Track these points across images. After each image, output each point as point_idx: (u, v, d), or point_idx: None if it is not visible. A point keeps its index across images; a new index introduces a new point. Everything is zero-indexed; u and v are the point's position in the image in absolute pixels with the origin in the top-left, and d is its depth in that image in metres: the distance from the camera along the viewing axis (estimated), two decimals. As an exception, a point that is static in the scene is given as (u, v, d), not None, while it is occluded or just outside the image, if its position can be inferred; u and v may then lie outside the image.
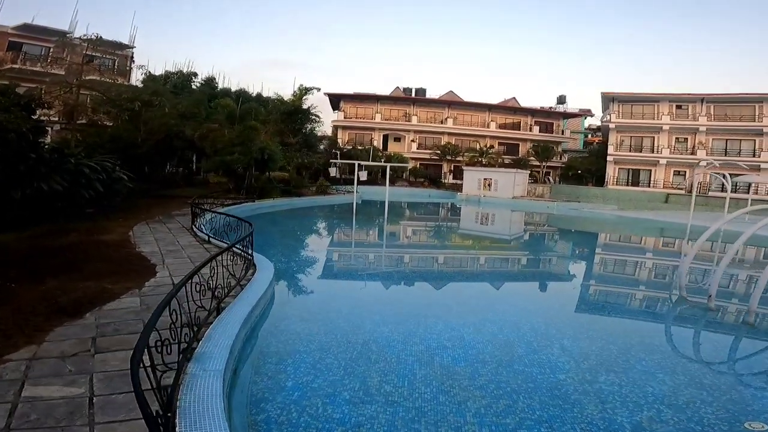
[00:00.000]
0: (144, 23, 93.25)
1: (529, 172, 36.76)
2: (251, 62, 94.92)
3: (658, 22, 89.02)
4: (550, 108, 54.20)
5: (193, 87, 31.95)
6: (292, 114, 32.57)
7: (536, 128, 50.18)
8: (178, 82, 30.65)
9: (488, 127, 48.94)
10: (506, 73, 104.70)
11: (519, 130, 50.37)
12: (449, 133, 48.49)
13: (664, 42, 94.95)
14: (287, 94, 34.02)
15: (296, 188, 27.48)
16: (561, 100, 57.68)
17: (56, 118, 20.89)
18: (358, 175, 24.03)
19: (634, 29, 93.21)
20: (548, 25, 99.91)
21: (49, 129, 19.25)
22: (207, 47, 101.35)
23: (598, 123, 67.00)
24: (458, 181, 45.62)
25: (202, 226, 11.21)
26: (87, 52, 20.24)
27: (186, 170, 29.44)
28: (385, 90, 51.17)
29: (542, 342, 6.10)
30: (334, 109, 48.81)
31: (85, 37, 19.56)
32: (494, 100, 52.47)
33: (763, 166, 36.00)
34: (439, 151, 45.57)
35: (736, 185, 38.44)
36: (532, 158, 45.24)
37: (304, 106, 33.19)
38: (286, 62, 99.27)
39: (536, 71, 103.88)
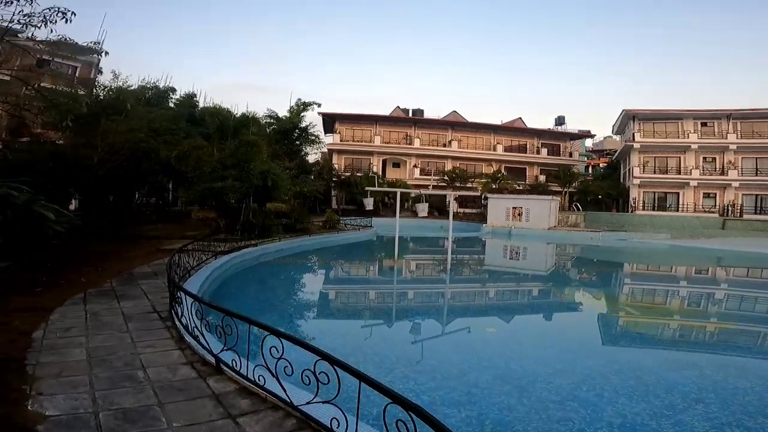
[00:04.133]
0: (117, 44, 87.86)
1: (559, 199, 32.58)
2: (224, 86, 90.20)
3: (653, 41, 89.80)
4: (556, 129, 51.17)
5: (171, 105, 26.54)
6: (288, 133, 27.64)
7: (544, 150, 46.90)
8: (152, 98, 25.22)
9: (494, 150, 45.29)
10: (505, 94, 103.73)
11: (525, 152, 46.98)
12: (453, 157, 44.49)
13: (655, 62, 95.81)
14: (280, 112, 29.08)
15: (298, 222, 22.14)
16: (560, 121, 55.06)
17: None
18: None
19: (632, 48, 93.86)
20: (544, 45, 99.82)
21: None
22: (177, 67, 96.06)
23: (590, 144, 65.50)
24: (466, 210, 41.24)
25: (191, 313, 5.89)
26: (41, 56, 14.90)
27: (160, 201, 23.66)
28: (382, 112, 46.98)
29: None
30: (326, 132, 44.17)
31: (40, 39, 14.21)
32: (496, 121, 49.04)
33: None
34: (446, 177, 41.22)
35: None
36: (551, 183, 41.45)
37: (302, 124, 28.38)
38: (264, 87, 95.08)
39: (535, 92, 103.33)
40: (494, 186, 39.32)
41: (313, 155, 40.70)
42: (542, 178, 45.85)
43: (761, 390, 5.18)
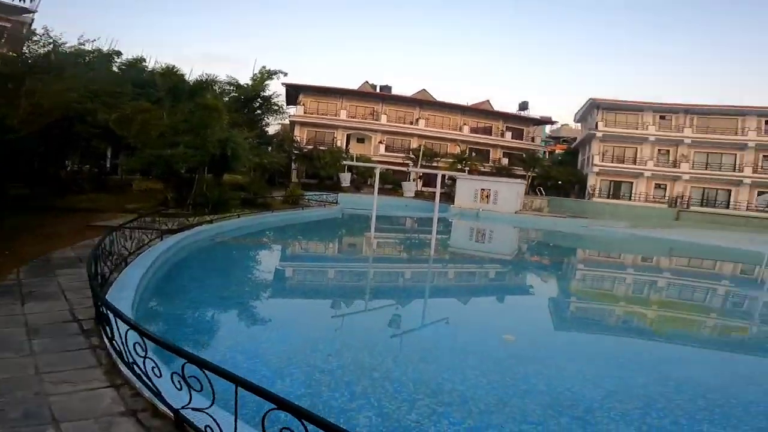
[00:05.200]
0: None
1: (527, 182, 32.63)
2: (182, 58, 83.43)
3: (621, 32, 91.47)
4: (521, 114, 51.38)
5: (115, 70, 22.91)
6: (249, 101, 25.43)
7: (508, 134, 47.04)
8: (94, 61, 21.54)
9: (461, 130, 44.81)
10: (475, 76, 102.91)
11: (491, 135, 46.91)
12: (420, 136, 43.61)
13: (623, 53, 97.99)
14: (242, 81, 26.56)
15: (258, 196, 20.48)
16: (523, 106, 55.09)
17: None
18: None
19: (594, 38, 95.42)
20: (512, 29, 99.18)
21: None
22: (129, 36, 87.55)
23: (548, 131, 66.90)
24: (430, 189, 40.67)
25: (125, 341, 4.60)
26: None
27: (96, 169, 21.02)
28: (350, 87, 44.93)
29: None
30: (289, 104, 41.71)
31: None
32: (464, 102, 48.41)
33: (745, 180, 35.37)
34: (412, 155, 40.32)
35: (715, 200, 38.03)
36: (515, 167, 41.70)
37: (265, 93, 26.19)
38: (225, 57, 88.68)
39: (502, 76, 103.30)
40: (460, 166, 38.97)
41: (272, 127, 38.47)
42: (505, 160, 46.23)
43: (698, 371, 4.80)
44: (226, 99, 23.93)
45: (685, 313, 9.68)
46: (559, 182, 41.08)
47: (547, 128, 62.64)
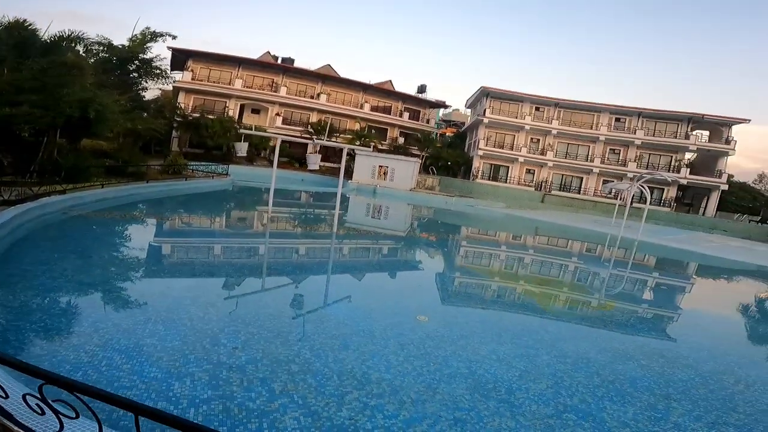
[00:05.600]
0: None
1: (420, 162, 33.71)
2: (45, 14, 66.87)
3: (512, 26, 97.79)
4: (419, 96, 52.94)
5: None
6: (124, 63, 21.55)
7: (406, 114, 48.21)
8: None
9: (362, 108, 44.54)
10: (378, 57, 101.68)
11: (390, 114, 47.58)
12: (320, 110, 42.20)
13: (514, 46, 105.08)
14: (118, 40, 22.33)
15: (129, 165, 17.52)
16: (421, 89, 56.91)
17: None
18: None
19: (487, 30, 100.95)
20: (417, 13, 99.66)
21: None
22: None
23: (441, 114, 70.76)
24: (328, 164, 39.81)
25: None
26: None
27: None
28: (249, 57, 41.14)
29: None
30: (175, 69, 36.69)
31: None
32: (366, 81, 48.04)
33: (594, 170, 41.68)
34: (311, 129, 38.84)
35: (570, 186, 44.32)
36: (411, 146, 42.91)
37: (146, 56, 22.42)
38: (102, 17, 73.42)
39: (404, 58, 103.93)
40: (359, 143, 38.75)
41: (152, 92, 33.41)
42: (401, 140, 47.45)
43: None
44: (93, 60, 20.07)
45: (561, 290, 10.90)
46: (449, 163, 43.65)
47: (441, 111, 65.90)
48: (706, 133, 41.36)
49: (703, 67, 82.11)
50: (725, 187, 39.04)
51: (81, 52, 19.00)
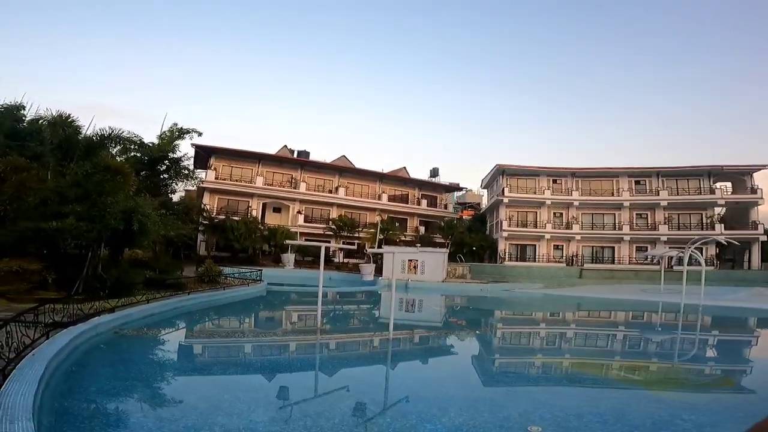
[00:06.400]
0: None
1: (448, 251, 33.13)
2: (76, 108, 73.89)
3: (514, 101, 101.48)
4: (433, 180, 54.07)
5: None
6: (155, 163, 22.43)
7: (424, 201, 48.80)
8: None
9: (380, 198, 45.28)
10: (389, 143, 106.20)
11: (407, 203, 48.18)
12: (339, 205, 42.94)
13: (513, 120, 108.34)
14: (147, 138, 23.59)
15: (166, 275, 17.17)
16: (434, 173, 57.97)
17: None
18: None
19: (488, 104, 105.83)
20: (422, 97, 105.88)
21: None
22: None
23: (455, 197, 71.70)
24: (353, 260, 39.13)
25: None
26: None
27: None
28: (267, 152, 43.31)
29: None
30: (198, 167, 38.47)
31: None
32: (381, 169, 49.64)
33: (624, 237, 40.49)
34: (333, 226, 39.11)
35: (602, 257, 42.78)
36: (434, 234, 42.65)
37: (174, 155, 23.49)
38: (126, 113, 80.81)
39: (414, 143, 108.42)
40: (381, 237, 38.51)
41: (177, 193, 34.59)
42: (422, 228, 47.36)
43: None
44: (123, 158, 20.77)
45: (620, 361, 9.49)
46: (473, 248, 42.86)
47: (455, 194, 66.98)
48: (729, 184, 40.78)
49: (714, 116, 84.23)
50: (764, 237, 37.30)
51: (115, 152, 19.38)
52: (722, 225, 38.26)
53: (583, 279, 34.77)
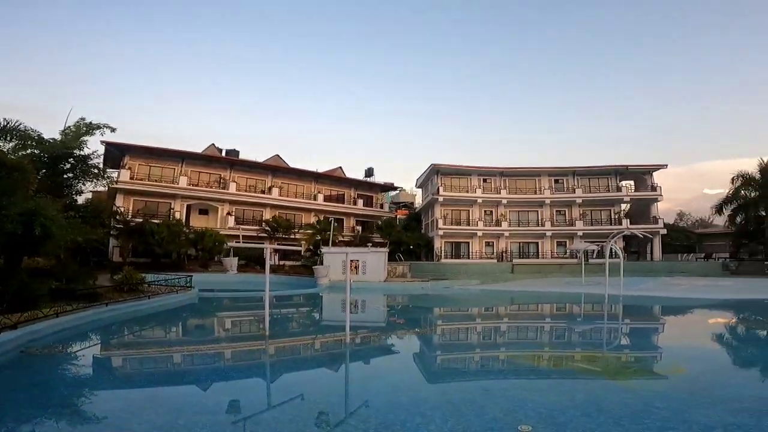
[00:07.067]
0: None
1: (388, 250, 32.89)
2: None
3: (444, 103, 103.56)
4: (368, 179, 53.87)
5: None
6: (57, 162, 19.41)
7: (360, 201, 48.50)
8: None
9: (315, 199, 44.18)
10: (324, 142, 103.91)
11: (344, 203, 47.60)
12: (273, 206, 41.14)
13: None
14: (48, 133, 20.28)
15: (75, 284, 14.82)
16: (369, 172, 57.68)
17: None
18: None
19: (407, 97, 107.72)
20: (356, 96, 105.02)
21: None
22: None
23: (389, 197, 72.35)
24: (288, 263, 37.65)
25: None
26: None
27: None
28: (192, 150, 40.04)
29: None
30: (111, 167, 34.34)
31: None
32: (317, 169, 48.41)
33: (547, 233, 43.55)
34: (267, 227, 37.25)
35: (528, 252, 45.64)
36: (372, 234, 42.38)
37: (81, 152, 20.49)
38: (15, 107, 70.01)
39: (348, 142, 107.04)
40: (319, 237, 37.40)
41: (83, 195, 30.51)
42: (359, 228, 47.02)
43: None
44: (19, 155, 17.77)
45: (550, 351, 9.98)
46: (411, 246, 43.36)
47: (390, 194, 67.41)
48: (632, 183, 45.68)
49: (620, 118, 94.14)
50: (664, 231, 42.28)
51: (10, 148, 16.81)
52: (628, 220, 42.76)
53: (515, 274, 36.72)
